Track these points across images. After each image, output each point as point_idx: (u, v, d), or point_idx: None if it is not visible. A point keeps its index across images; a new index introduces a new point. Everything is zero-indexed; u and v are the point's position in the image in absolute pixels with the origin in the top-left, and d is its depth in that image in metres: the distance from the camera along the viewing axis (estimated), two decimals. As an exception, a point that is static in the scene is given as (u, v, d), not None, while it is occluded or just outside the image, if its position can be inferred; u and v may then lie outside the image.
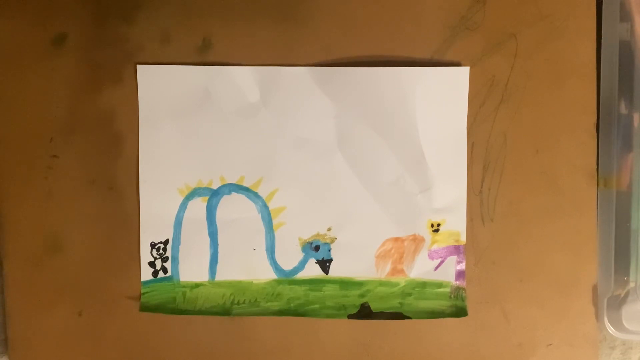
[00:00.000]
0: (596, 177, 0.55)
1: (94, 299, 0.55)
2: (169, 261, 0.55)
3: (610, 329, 0.55)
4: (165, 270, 0.55)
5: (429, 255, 0.56)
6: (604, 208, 0.55)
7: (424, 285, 0.56)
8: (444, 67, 0.53)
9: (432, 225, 0.55)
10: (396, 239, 0.55)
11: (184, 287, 0.55)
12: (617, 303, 0.55)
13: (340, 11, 0.54)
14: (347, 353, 0.56)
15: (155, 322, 0.55)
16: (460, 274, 0.56)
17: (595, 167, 0.55)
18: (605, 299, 0.55)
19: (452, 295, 0.56)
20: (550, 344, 0.57)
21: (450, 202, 0.55)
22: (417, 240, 0.55)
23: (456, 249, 0.56)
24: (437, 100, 0.53)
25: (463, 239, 0.55)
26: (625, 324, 0.55)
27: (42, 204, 0.54)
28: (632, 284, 0.54)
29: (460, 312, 0.56)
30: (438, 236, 0.55)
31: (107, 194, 0.54)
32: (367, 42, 0.54)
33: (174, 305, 0.55)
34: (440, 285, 0.56)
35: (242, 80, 0.53)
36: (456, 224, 0.55)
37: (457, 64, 0.54)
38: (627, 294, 0.55)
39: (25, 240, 0.54)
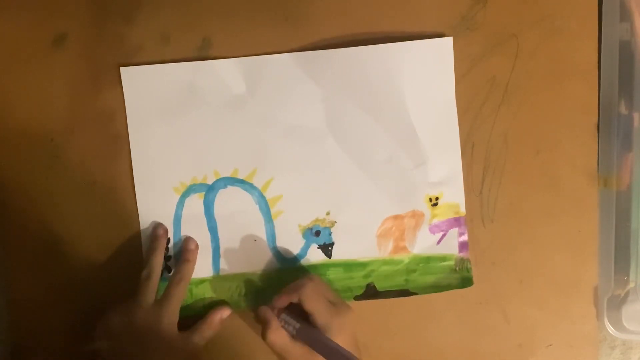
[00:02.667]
0: (597, 178, 0.56)
1: (94, 299, 0.54)
2: (172, 260, 0.55)
3: (610, 329, 0.54)
4: (169, 269, 0.55)
5: (430, 230, 0.55)
6: (604, 208, 0.55)
7: (427, 260, 0.55)
8: (427, 39, 0.54)
9: (431, 200, 0.55)
10: (396, 217, 0.55)
11: (189, 284, 0.54)
12: (617, 303, 0.54)
13: (341, 13, 0.54)
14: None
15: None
16: (463, 245, 0.55)
17: (596, 167, 0.55)
18: (605, 299, 0.55)
19: (458, 268, 0.55)
20: (550, 345, 0.56)
21: (446, 175, 0.55)
22: (416, 216, 0.55)
23: (457, 221, 0.55)
24: (423, 74, 0.54)
25: (463, 210, 0.55)
26: (625, 324, 0.54)
27: (43, 203, 0.54)
28: (632, 284, 0.54)
29: (466, 282, 0.55)
30: (437, 210, 0.55)
31: (107, 194, 0.55)
32: (367, 43, 0.54)
33: (181, 303, 0.54)
34: (444, 258, 0.55)
35: (227, 73, 0.54)
36: (454, 196, 0.55)
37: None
38: (627, 294, 0.54)
39: (25, 240, 0.55)
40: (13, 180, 0.54)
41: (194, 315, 0.54)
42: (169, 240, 0.55)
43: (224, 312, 0.54)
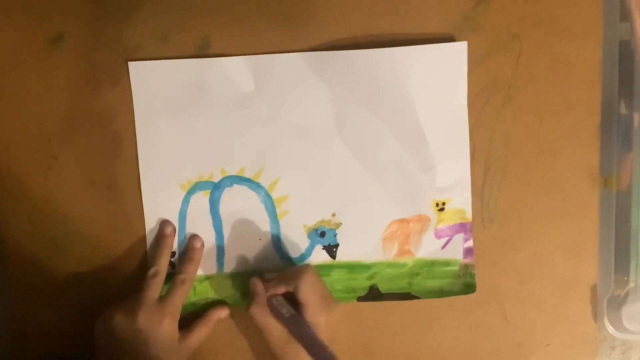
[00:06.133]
0: (598, 179, 0.55)
1: (96, 299, 0.55)
2: (176, 256, 0.55)
3: (610, 329, 0.56)
4: (173, 265, 0.55)
5: (435, 235, 0.55)
6: (604, 208, 0.55)
7: (432, 264, 0.56)
8: (440, 43, 0.52)
9: (437, 205, 0.55)
10: (401, 220, 0.55)
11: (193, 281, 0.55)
12: (617, 303, 0.55)
13: (341, 13, 0.52)
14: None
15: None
16: (468, 251, 0.56)
17: (598, 169, 0.55)
18: (605, 299, 0.55)
19: (461, 273, 0.56)
20: (549, 345, 0.57)
21: (454, 181, 0.55)
22: (422, 220, 0.55)
23: (462, 227, 0.55)
24: (434, 78, 0.52)
25: (469, 216, 0.55)
26: (625, 324, 0.55)
27: (42, 204, 0.54)
28: (632, 284, 0.55)
29: (469, 288, 0.56)
30: (443, 215, 0.55)
31: (107, 194, 0.54)
32: (369, 43, 0.52)
33: (184, 299, 0.55)
34: (448, 263, 0.56)
35: (236, 71, 0.53)
36: (461, 202, 0.55)
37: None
38: (627, 294, 0.55)
39: (25, 240, 0.54)
40: (13, 181, 0.53)
41: (195, 312, 0.55)
42: (173, 237, 0.55)
43: (222, 312, 0.55)
